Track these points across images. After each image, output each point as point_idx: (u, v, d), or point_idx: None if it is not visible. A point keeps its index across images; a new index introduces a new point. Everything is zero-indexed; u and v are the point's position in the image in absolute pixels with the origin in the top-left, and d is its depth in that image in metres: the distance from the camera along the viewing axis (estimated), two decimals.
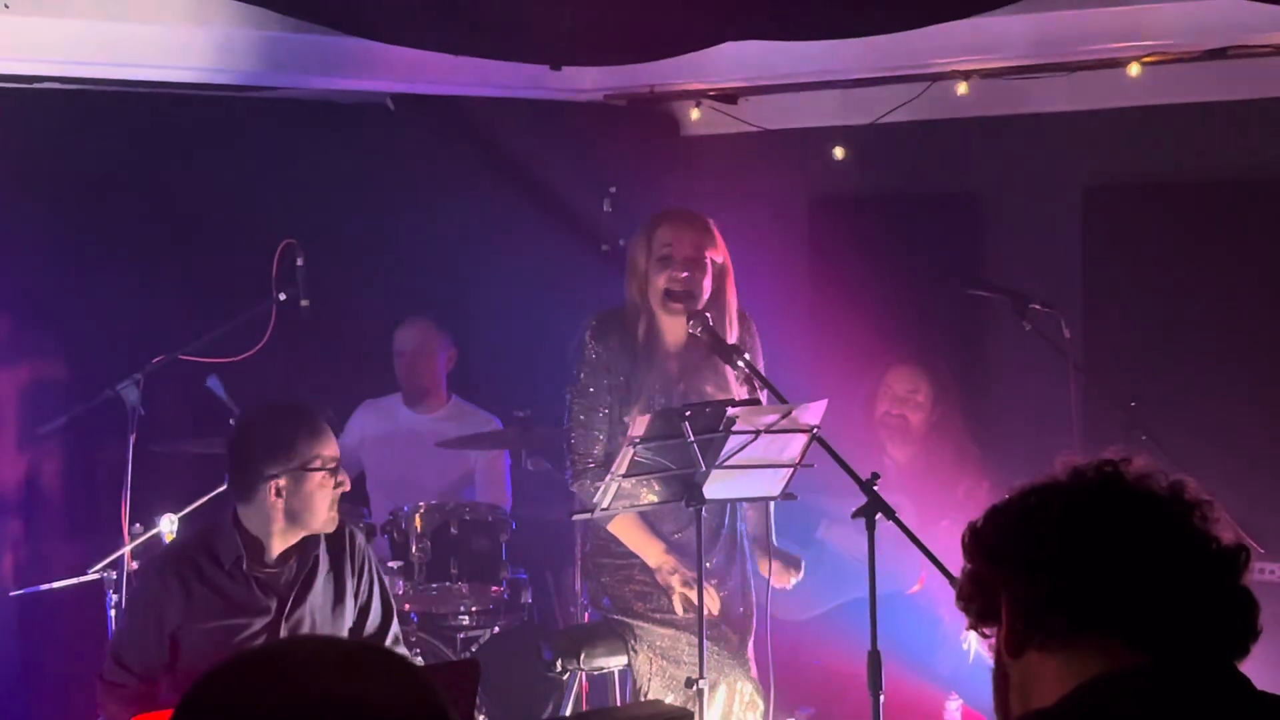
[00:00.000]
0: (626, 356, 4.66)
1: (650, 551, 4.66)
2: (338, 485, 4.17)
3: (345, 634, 4.26)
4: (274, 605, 4.17)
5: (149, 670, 4.13)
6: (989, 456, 5.90)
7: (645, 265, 4.62)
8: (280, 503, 4.13)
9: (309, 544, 4.22)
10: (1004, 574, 1.96)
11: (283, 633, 4.16)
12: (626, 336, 4.67)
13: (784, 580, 4.80)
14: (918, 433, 5.85)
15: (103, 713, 4.22)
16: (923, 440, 5.89)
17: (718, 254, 4.64)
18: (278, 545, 4.18)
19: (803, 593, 5.30)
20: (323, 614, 4.22)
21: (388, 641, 4.33)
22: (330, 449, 4.16)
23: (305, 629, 4.19)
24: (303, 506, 4.14)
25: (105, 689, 4.17)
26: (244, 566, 4.14)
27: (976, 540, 2.00)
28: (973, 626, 2.02)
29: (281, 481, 4.11)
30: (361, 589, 4.32)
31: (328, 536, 4.27)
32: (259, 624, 4.15)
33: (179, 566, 4.14)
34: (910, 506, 4.98)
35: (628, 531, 4.65)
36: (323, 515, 4.17)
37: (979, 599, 1.99)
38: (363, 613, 4.32)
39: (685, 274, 4.55)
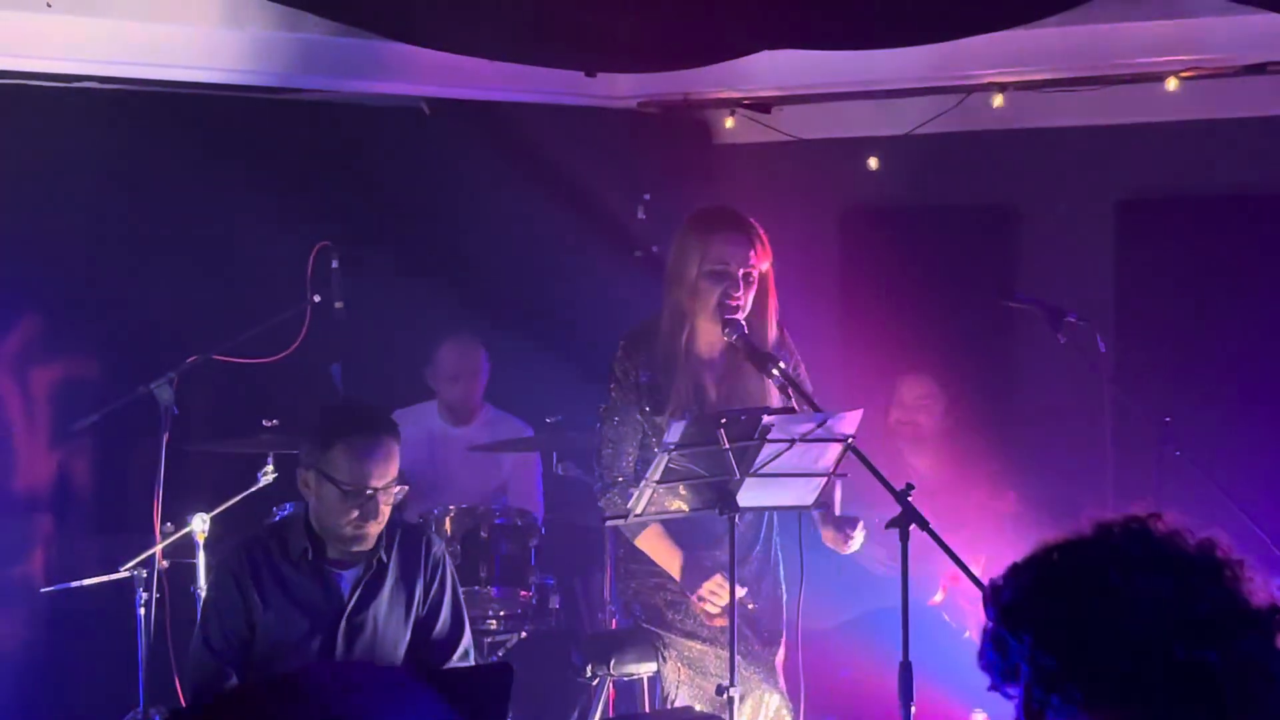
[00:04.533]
0: (660, 368, 4.64)
1: (674, 565, 4.65)
2: (359, 517, 4.06)
3: (407, 640, 4.21)
4: (337, 606, 4.13)
5: (232, 646, 4.08)
6: (1021, 469, 5.89)
7: (695, 275, 4.58)
8: (310, 497, 4.13)
9: (375, 548, 4.16)
10: (1021, 637, 1.87)
11: (342, 634, 4.12)
12: (659, 347, 4.64)
13: (844, 545, 4.64)
14: (929, 437, 5.86)
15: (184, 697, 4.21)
16: (937, 448, 5.90)
17: (765, 263, 4.62)
18: (334, 546, 4.15)
19: (824, 601, 5.30)
20: (386, 620, 4.18)
21: (458, 652, 4.26)
22: (358, 477, 4.02)
23: (368, 633, 4.14)
24: (323, 511, 4.10)
25: (191, 670, 4.15)
26: (310, 558, 4.12)
27: (995, 599, 1.92)
28: (994, 688, 1.93)
29: (309, 475, 4.10)
30: (431, 595, 4.26)
31: (400, 543, 4.22)
32: (321, 623, 4.12)
33: (253, 552, 4.14)
34: (930, 516, 4.98)
35: (651, 543, 4.64)
36: (337, 531, 4.09)
37: (998, 661, 1.91)
38: (431, 614, 4.25)
39: (738, 292, 4.54)
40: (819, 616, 5.50)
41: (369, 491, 4.04)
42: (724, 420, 4.11)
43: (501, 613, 5.63)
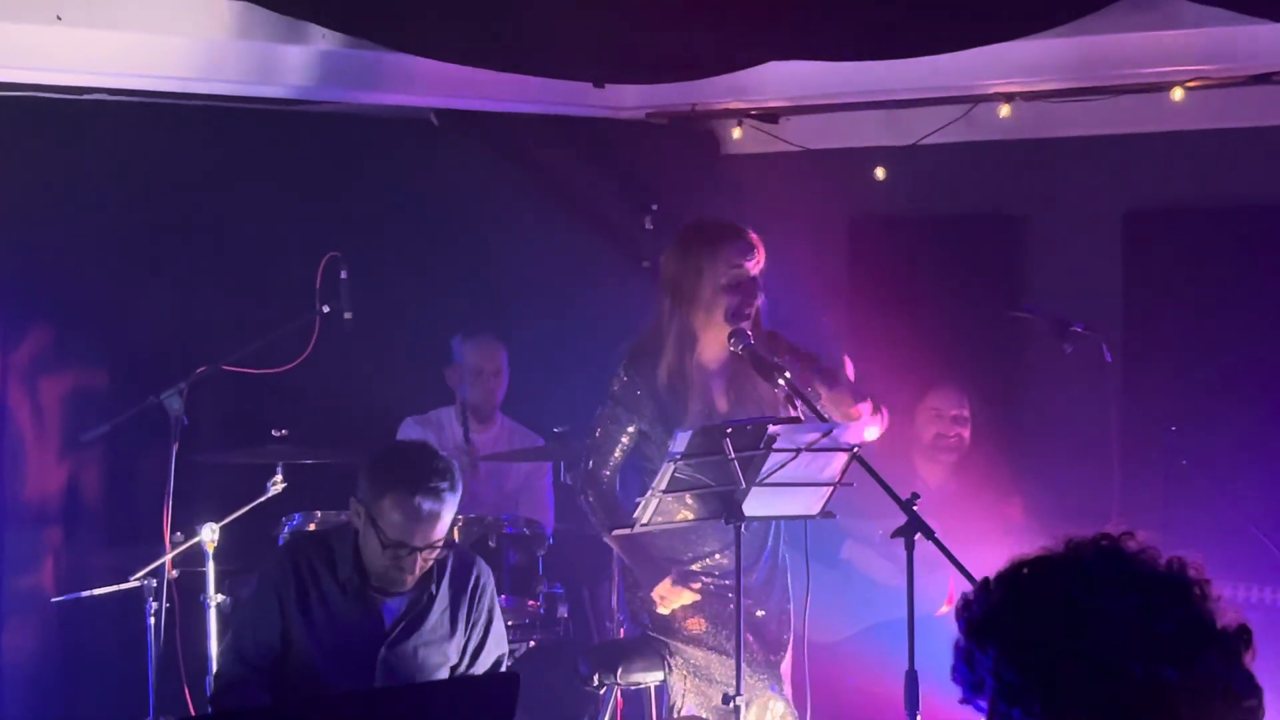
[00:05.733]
0: (666, 387, 4.65)
1: (637, 563, 4.73)
2: (393, 567, 3.98)
3: (448, 671, 4.15)
4: (377, 635, 4.07)
5: (264, 656, 4.03)
6: (1027, 480, 5.89)
7: (710, 291, 4.56)
8: (358, 527, 4.06)
9: (425, 578, 4.10)
10: (987, 650, 1.89)
11: (380, 662, 4.05)
12: (661, 363, 4.65)
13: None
14: (965, 450, 5.87)
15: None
16: (958, 457, 5.90)
17: (762, 264, 4.66)
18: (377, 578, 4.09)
19: (832, 614, 5.30)
20: (428, 650, 4.11)
21: None
22: (401, 534, 3.93)
23: (406, 663, 4.08)
24: (364, 547, 4.04)
25: (218, 672, 4.13)
26: (356, 584, 4.05)
27: (965, 613, 1.94)
28: (965, 701, 1.95)
29: (360, 509, 4.02)
30: (475, 633, 4.19)
31: (452, 572, 4.16)
32: (359, 649, 4.06)
33: (298, 564, 4.07)
34: (939, 528, 5.00)
35: (620, 539, 4.69)
36: (376, 571, 4.04)
37: (967, 674, 1.93)
38: (473, 656, 4.20)
39: (754, 299, 4.57)
40: (827, 630, 5.50)
41: (408, 548, 3.96)
42: (730, 430, 4.12)
43: (510, 622, 5.63)
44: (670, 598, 4.66)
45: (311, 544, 4.19)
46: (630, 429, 4.70)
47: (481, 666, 4.22)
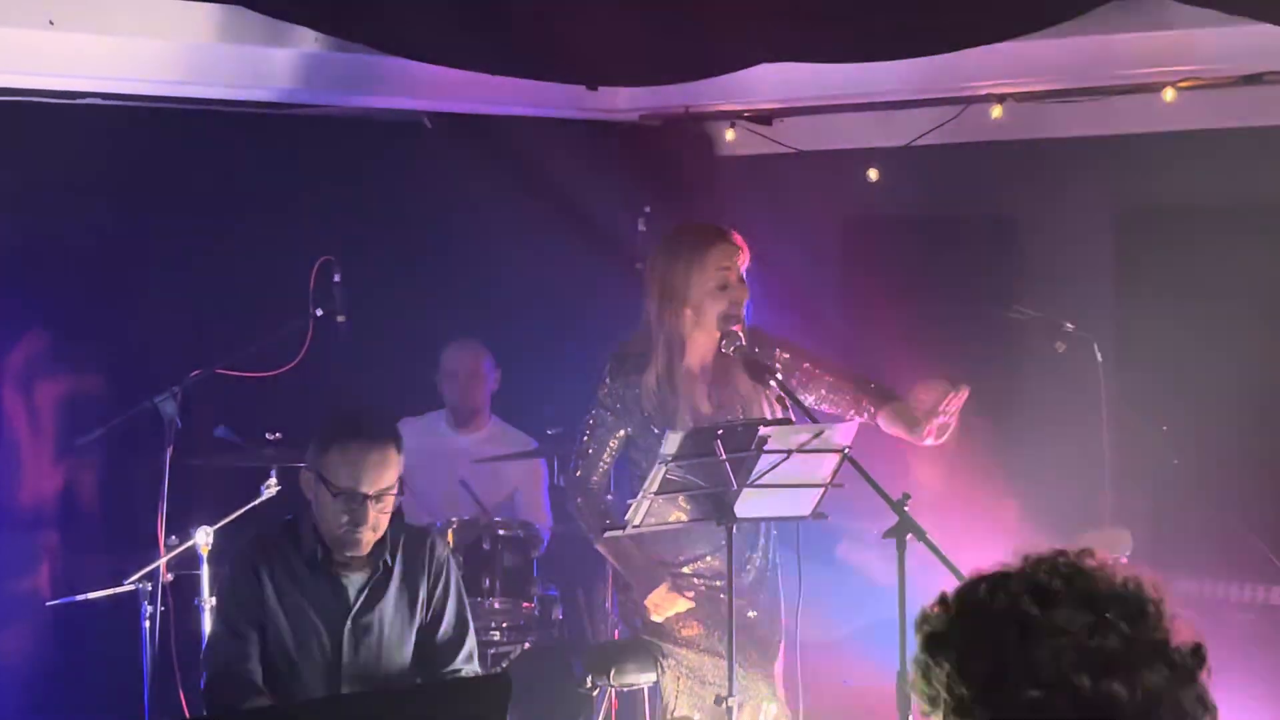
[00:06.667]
0: (651, 389, 4.65)
1: (628, 569, 4.74)
2: (349, 522, 4.10)
3: (412, 642, 4.27)
4: (344, 607, 4.19)
5: (253, 629, 4.13)
6: (1019, 480, 5.90)
7: (699, 294, 4.59)
8: (311, 499, 4.18)
9: (379, 549, 4.22)
10: (942, 664, 1.89)
11: (348, 635, 4.18)
12: (649, 368, 4.65)
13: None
14: (949, 446, 5.88)
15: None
16: (945, 458, 5.90)
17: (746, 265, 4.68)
18: (336, 549, 4.19)
19: (827, 614, 5.29)
20: (392, 622, 4.24)
21: (461, 654, 4.32)
22: (349, 481, 4.06)
23: (374, 635, 4.21)
24: (318, 512, 4.17)
25: (210, 655, 4.19)
26: (319, 559, 4.18)
27: (924, 626, 1.94)
28: (926, 714, 1.94)
29: (310, 476, 4.16)
30: (435, 597, 4.31)
31: (405, 545, 4.28)
32: (328, 624, 4.18)
33: (267, 546, 4.20)
34: (933, 526, 5.00)
35: (610, 546, 4.70)
36: (331, 534, 4.15)
37: (925, 689, 1.92)
38: (435, 618, 4.30)
39: (743, 299, 4.59)
40: (825, 628, 5.51)
41: (359, 497, 4.08)
42: (721, 431, 4.13)
43: (504, 624, 5.66)
44: (665, 605, 4.66)
45: (278, 529, 4.32)
46: (618, 434, 4.71)
47: (443, 635, 4.29)
